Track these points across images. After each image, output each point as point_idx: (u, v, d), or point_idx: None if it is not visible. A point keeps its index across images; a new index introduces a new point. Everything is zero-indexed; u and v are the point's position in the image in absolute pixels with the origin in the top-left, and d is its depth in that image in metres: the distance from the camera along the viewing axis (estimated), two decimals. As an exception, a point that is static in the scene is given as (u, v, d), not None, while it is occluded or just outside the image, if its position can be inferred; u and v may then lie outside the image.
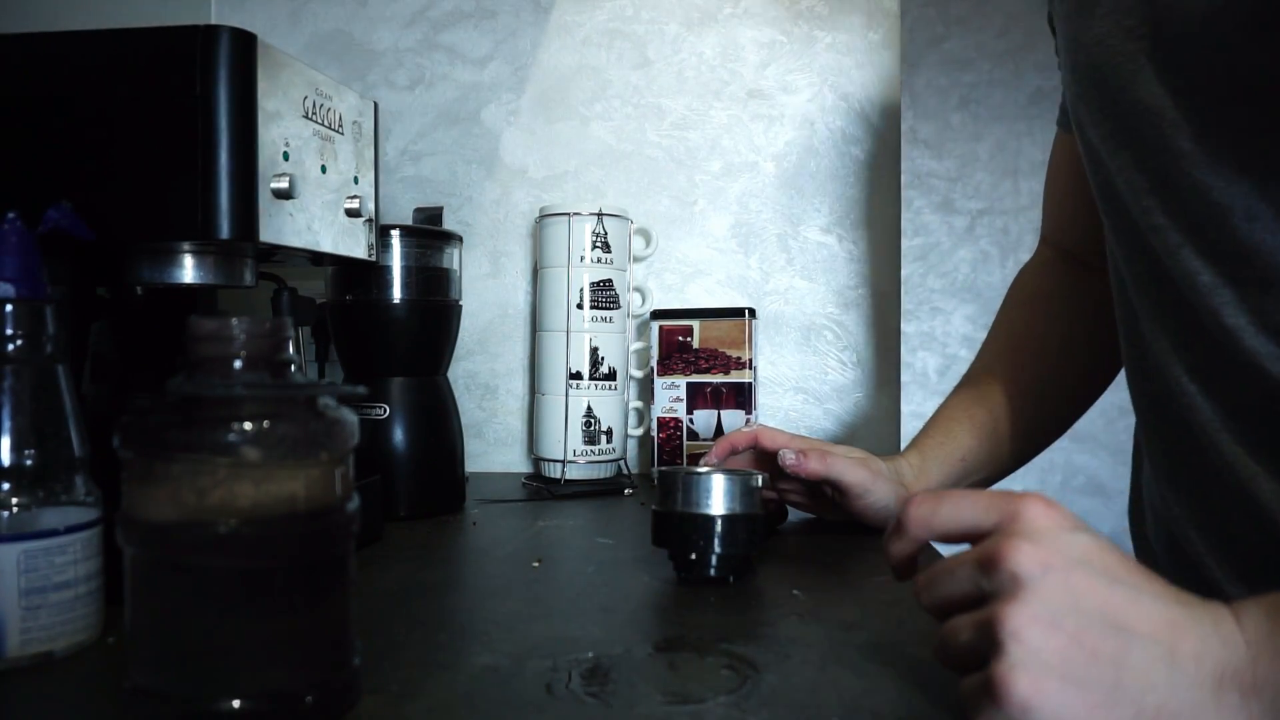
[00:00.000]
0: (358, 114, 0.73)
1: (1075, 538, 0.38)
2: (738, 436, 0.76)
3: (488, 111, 1.13)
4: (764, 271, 1.11)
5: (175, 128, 0.57)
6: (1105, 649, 0.35)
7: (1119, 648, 0.35)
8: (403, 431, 0.83)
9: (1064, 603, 0.36)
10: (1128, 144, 0.56)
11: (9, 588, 0.44)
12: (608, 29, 1.12)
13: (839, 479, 0.71)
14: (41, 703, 0.42)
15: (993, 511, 0.40)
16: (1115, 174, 0.57)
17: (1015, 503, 0.39)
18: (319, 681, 0.38)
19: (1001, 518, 0.39)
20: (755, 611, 0.56)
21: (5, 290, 0.46)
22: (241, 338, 0.38)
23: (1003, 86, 1.09)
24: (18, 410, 0.46)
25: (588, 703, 0.41)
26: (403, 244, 0.84)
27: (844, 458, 0.72)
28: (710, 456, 0.76)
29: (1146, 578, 0.38)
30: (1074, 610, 0.36)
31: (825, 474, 0.71)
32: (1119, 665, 0.35)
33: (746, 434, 0.76)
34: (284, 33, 1.15)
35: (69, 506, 0.46)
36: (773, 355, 1.10)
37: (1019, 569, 0.36)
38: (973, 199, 1.10)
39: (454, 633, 0.51)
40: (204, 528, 0.36)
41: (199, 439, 0.36)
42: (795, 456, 0.71)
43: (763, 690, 0.43)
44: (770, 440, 0.74)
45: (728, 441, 0.76)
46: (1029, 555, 0.36)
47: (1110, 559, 0.38)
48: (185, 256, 0.62)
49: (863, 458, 0.73)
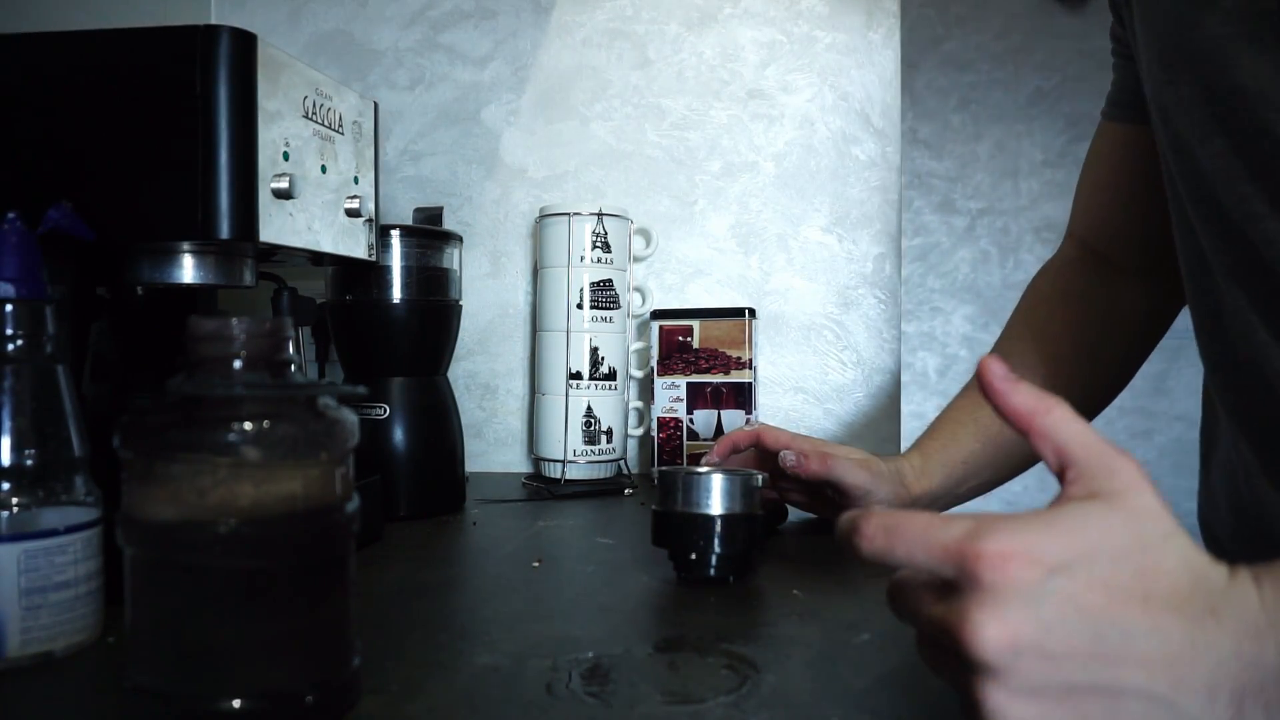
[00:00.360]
0: (358, 114, 0.73)
1: (1048, 588, 0.32)
2: (739, 435, 0.76)
3: (488, 111, 1.13)
4: (764, 271, 1.11)
5: (175, 128, 0.57)
6: (1095, 712, 0.32)
7: (1110, 707, 0.32)
8: (403, 431, 0.83)
9: (1043, 675, 0.32)
10: (1225, 130, 0.55)
11: (9, 588, 0.44)
12: (608, 29, 1.12)
13: (839, 480, 0.70)
14: (41, 703, 0.42)
15: (949, 563, 0.34)
16: (1206, 161, 0.57)
17: (974, 554, 0.33)
18: (319, 681, 0.38)
19: (959, 574, 0.34)
20: (755, 611, 0.56)
21: (5, 290, 0.46)
22: (241, 338, 0.38)
23: (1003, 86, 1.09)
24: (18, 410, 0.46)
25: (588, 703, 0.41)
26: (403, 244, 0.84)
27: (845, 459, 0.71)
28: (712, 455, 0.76)
29: (1147, 593, 0.33)
30: (1055, 678, 0.32)
31: (826, 475, 0.71)
32: None
33: (748, 432, 0.76)
34: (284, 33, 1.15)
35: (69, 506, 0.46)
36: (773, 355, 1.10)
37: (986, 656, 0.32)
38: (973, 199, 1.10)
39: (454, 633, 0.51)
40: (204, 528, 0.36)
41: (199, 439, 0.36)
42: (796, 458, 0.71)
43: (763, 690, 0.43)
44: (772, 439, 0.74)
45: (729, 440, 0.76)
46: (994, 637, 0.32)
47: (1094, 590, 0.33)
48: (185, 256, 0.62)
49: (864, 459, 0.72)
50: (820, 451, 0.72)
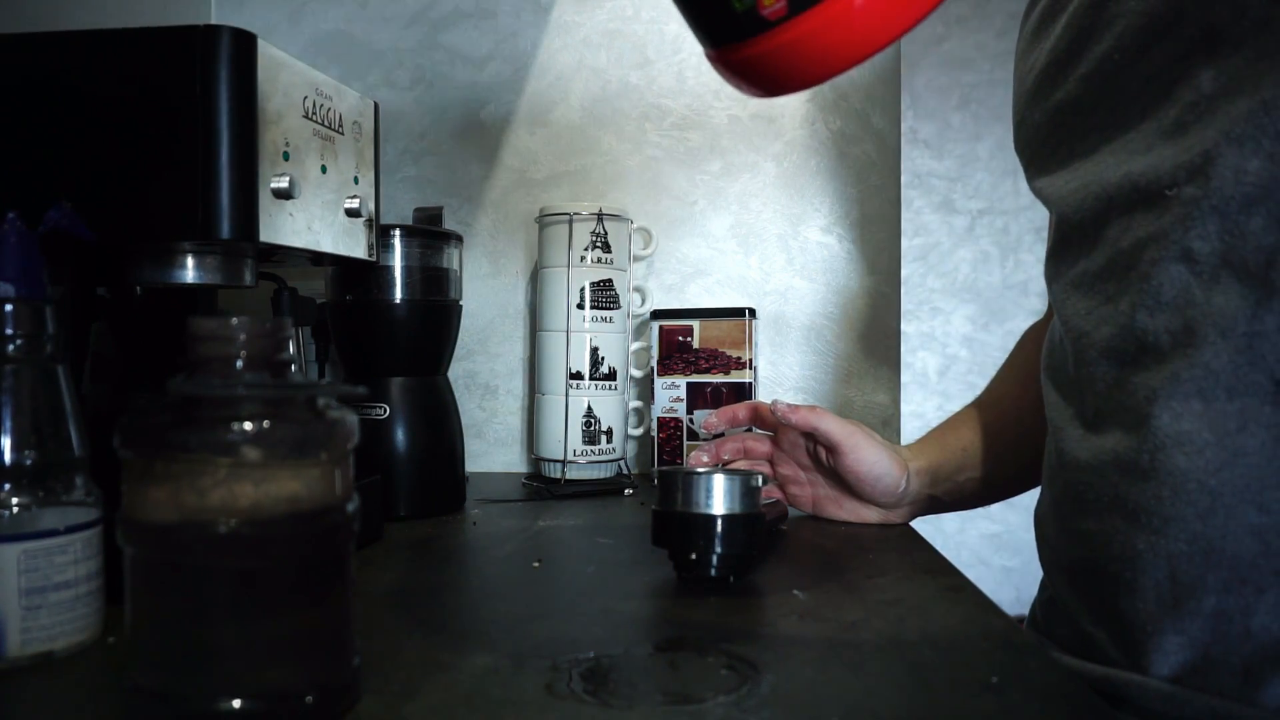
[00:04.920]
0: (358, 114, 0.73)
1: None
2: (740, 407, 0.80)
3: (488, 111, 1.13)
4: (764, 271, 1.11)
5: (175, 128, 0.57)
6: None
7: None
8: (403, 431, 0.83)
9: None
10: None
11: (9, 588, 0.44)
12: (608, 29, 1.12)
13: (827, 432, 0.73)
14: (41, 703, 0.42)
15: None
16: None
17: None
18: (319, 681, 0.38)
19: None
20: (755, 611, 0.56)
21: (5, 290, 0.46)
22: (241, 338, 0.38)
23: (1003, 86, 1.09)
24: (18, 410, 0.46)
25: (588, 703, 0.41)
26: (403, 244, 0.84)
27: (834, 415, 0.75)
28: (711, 419, 0.79)
29: None
30: None
31: (815, 425, 0.73)
32: None
33: (748, 404, 0.80)
34: (284, 33, 1.15)
35: (69, 506, 0.46)
36: (773, 355, 1.10)
37: None
38: (973, 199, 1.10)
39: (454, 633, 0.51)
40: (204, 528, 0.36)
41: (199, 439, 0.36)
42: (786, 405, 0.74)
43: (763, 690, 0.43)
44: (767, 408, 0.77)
45: (730, 410, 0.80)
46: None
47: None
48: (185, 256, 0.62)
49: (855, 422, 0.76)
50: (810, 405, 0.75)
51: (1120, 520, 0.52)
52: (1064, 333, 0.59)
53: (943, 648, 0.49)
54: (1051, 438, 0.61)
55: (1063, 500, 0.58)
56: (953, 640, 0.50)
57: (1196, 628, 0.50)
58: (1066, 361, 0.59)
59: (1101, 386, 0.54)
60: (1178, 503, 0.49)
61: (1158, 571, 0.50)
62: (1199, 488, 0.48)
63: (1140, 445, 0.51)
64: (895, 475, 0.74)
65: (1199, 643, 0.50)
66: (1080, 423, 0.57)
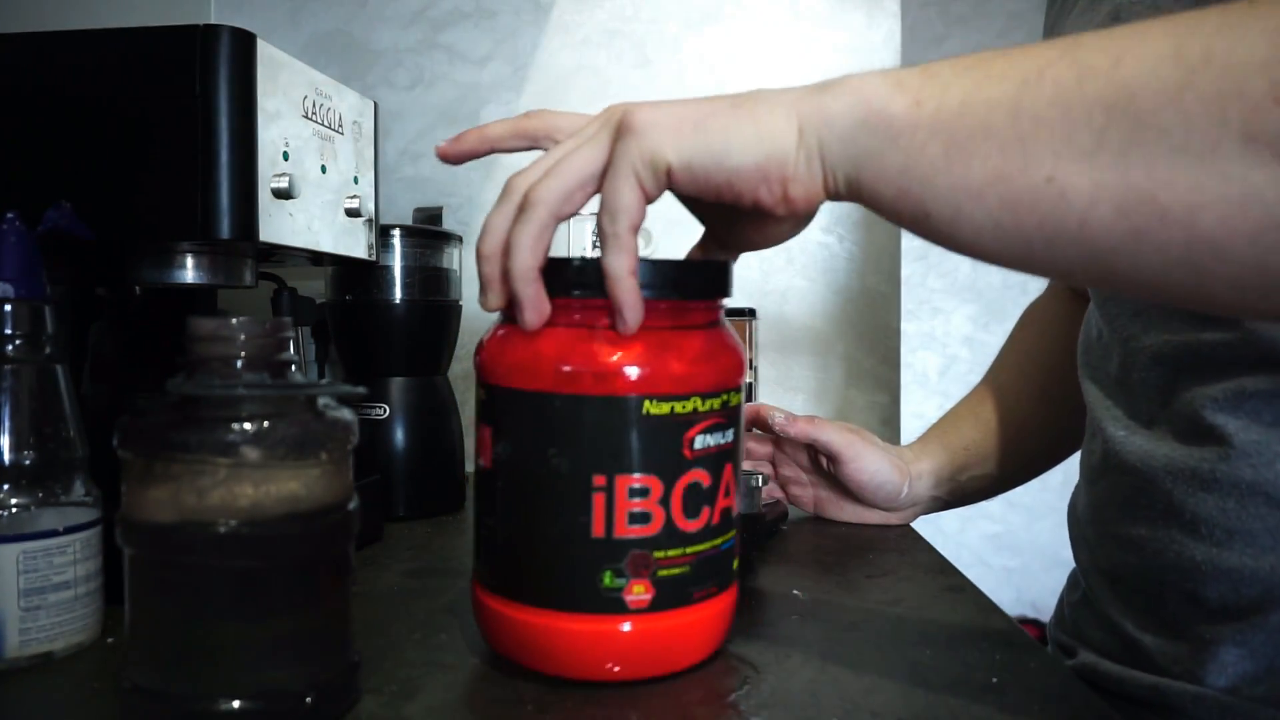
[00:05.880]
0: (358, 114, 0.73)
1: None
2: None
3: (488, 111, 1.13)
4: (764, 271, 1.11)
5: (175, 128, 0.56)
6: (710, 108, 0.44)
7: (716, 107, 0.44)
8: (403, 431, 0.83)
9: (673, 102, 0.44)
10: None
11: (9, 588, 0.44)
12: (608, 29, 1.12)
13: (827, 443, 0.72)
14: (41, 703, 0.42)
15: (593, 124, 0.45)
16: None
17: None
18: (319, 681, 0.38)
19: None
20: (755, 611, 0.56)
21: (5, 290, 0.46)
22: (241, 338, 0.38)
23: (1003, 86, 1.09)
24: (17, 410, 0.46)
25: (587, 702, 0.41)
26: (403, 244, 0.84)
27: (833, 424, 0.74)
28: None
29: None
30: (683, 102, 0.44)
31: (814, 436, 0.72)
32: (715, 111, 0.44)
33: (749, 407, 0.78)
34: (284, 33, 1.15)
35: (69, 506, 0.46)
36: (773, 355, 1.10)
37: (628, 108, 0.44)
38: (973, 199, 1.10)
39: (454, 633, 0.51)
40: (204, 528, 0.36)
41: (199, 439, 0.36)
42: (784, 417, 0.73)
43: (763, 690, 0.43)
44: (768, 412, 0.76)
45: None
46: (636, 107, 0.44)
47: None
48: (185, 256, 0.62)
49: (856, 428, 0.75)
50: (810, 417, 0.74)
51: (1177, 530, 0.51)
52: (1109, 334, 0.57)
53: (943, 648, 0.48)
54: (1094, 436, 0.59)
55: (1107, 503, 0.57)
56: (953, 640, 0.50)
57: (1260, 640, 0.48)
58: (1110, 361, 0.57)
59: (1153, 391, 0.53)
60: (1245, 516, 0.48)
61: (1220, 584, 0.49)
62: (1267, 501, 0.47)
63: (1200, 454, 0.49)
64: (896, 482, 0.73)
65: (1261, 654, 0.48)
66: (1127, 423, 0.55)
